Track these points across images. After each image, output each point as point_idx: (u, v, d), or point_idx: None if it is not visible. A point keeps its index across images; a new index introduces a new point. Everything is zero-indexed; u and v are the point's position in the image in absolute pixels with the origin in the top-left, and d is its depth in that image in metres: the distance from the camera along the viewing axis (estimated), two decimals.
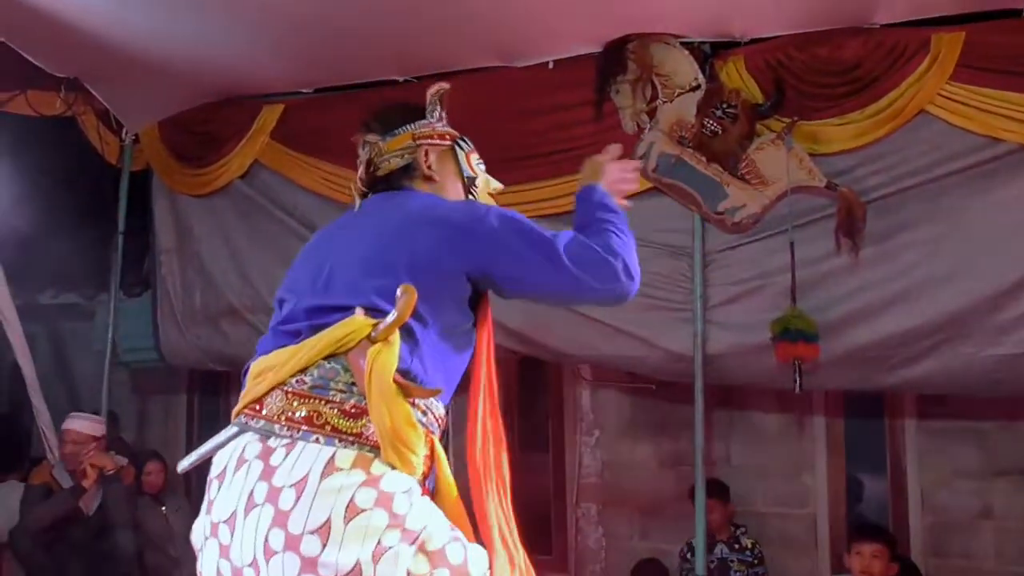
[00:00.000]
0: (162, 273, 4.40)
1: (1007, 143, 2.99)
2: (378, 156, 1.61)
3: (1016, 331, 3.05)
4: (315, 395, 1.35)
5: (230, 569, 1.34)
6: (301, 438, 1.32)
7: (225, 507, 1.34)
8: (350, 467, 1.30)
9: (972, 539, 4.00)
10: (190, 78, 3.97)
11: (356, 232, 1.52)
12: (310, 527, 1.26)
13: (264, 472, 1.32)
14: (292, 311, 1.46)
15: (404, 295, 1.34)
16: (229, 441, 1.40)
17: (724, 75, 3.28)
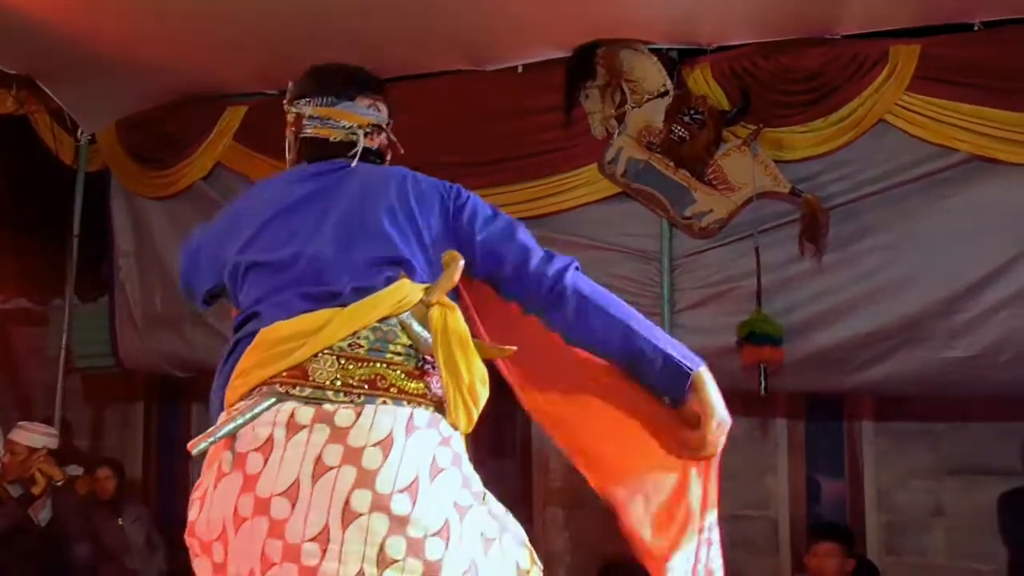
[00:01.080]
0: (120, 277, 4.30)
1: (960, 152, 3.10)
2: (383, 131, 1.66)
3: (968, 334, 3.16)
4: (373, 358, 1.32)
5: (281, 549, 1.22)
6: (366, 402, 1.28)
7: (281, 478, 1.23)
8: (426, 426, 1.30)
9: (925, 537, 4.12)
10: (149, 77, 3.89)
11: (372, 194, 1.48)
12: (400, 486, 1.22)
13: (334, 434, 1.25)
14: (319, 274, 1.39)
15: (453, 261, 1.37)
16: (262, 414, 1.29)
17: (691, 82, 3.34)
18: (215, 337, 4.09)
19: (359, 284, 1.36)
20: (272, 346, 1.32)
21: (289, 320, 1.34)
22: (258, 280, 1.43)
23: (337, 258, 1.40)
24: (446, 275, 1.36)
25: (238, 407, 1.32)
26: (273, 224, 1.47)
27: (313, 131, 1.61)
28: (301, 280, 1.39)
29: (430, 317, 1.33)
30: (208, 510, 1.30)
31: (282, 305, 1.37)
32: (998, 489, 3.77)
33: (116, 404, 5.41)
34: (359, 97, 1.63)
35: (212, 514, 1.29)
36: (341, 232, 1.42)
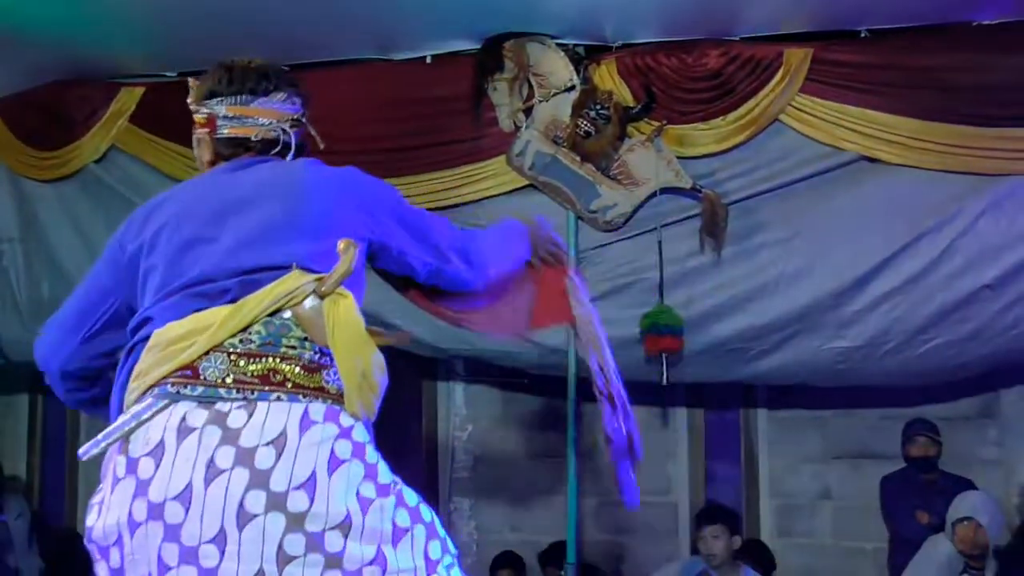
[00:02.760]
0: (3, 263, 4.06)
1: (848, 152, 3.26)
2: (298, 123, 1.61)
3: (855, 325, 3.34)
4: (266, 352, 1.30)
5: (178, 552, 1.22)
6: (258, 399, 1.27)
7: (173, 483, 1.23)
8: (322, 419, 1.28)
9: (813, 519, 4.33)
10: (36, 55, 3.68)
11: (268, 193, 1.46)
12: (295, 483, 1.22)
13: (225, 436, 1.24)
14: (207, 272, 1.36)
15: (347, 249, 1.35)
16: (155, 415, 1.28)
17: (597, 77, 3.39)
18: None
19: (247, 280, 1.34)
20: (165, 347, 1.31)
21: (180, 320, 1.32)
22: (151, 283, 1.42)
23: (229, 256, 1.38)
24: (340, 264, 1.34)
25: (131, 412, 1.31)
26: (179, 226, 1.45)
27: (230, 131, 1.55)
28: (192, 280, 1.37)
29: (324, 308, 1.32)
30: (104, 515, 1.29)
31: (174, 307, 1.35)
32: (880, 472, 4.00)
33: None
34: (274, 92, 1.58)
35: (108, 520, 1.28)
36: (240, 230, 1.41)
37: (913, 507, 3.75)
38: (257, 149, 1.55)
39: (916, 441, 3.83)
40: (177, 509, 1.22)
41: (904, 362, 3.37)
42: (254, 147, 1.55)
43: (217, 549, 1.21)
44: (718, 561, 3.47)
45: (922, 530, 3.66)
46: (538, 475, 4.53)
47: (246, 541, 1.20)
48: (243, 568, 1.21)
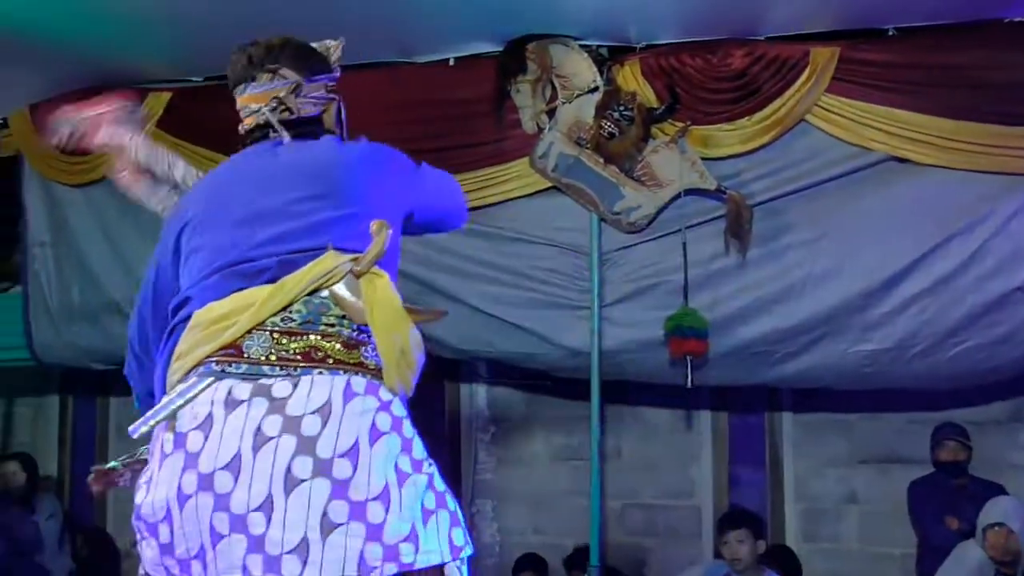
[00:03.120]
0: (35, 267, 4.12)
1: (876, 153, 3.23)
2: (298, 96, 1.57)
3: (882, 328, 3.30)
4: (307, 331, 1.34)
5: (228, 520, 1.24)
6: (302, 374, 1.31)
7: (222, 453, 1.25)
8: (363, 391, 1.32)
9: (839, 524, 4.27)
10: (66, 61, 3.74)
11: (298, 174, 1.47)
12: (340, 450, 1.25)
13: (272, 406, 1.27)
14: (246, 253, 1.39)
15: (380, 231, 1.37)
16: (201, 392, 1.31)
17: (620, 79, 3.38)
18: None
19: (286, 259, 1.37)
20: (207, 327, 1.34)
21: (221, 300, 1.35)
22: (193, 265, 1.45)
23: (266, 236, 1.40)
24: (374, 245, 1.36)
25: (177, 391, 1.34)
26: (209, 210, 1.48)
27: (244, 121, 1.60)
28: (232, 260, 1.39)
29: (360, 287, 1.35)
30: (153, 491, 1.31)
31: (214, 287, 1.38)
32: (908, 477, 3.94)
33: (29, 398, 5.20)
34: (260, 75, 1.58)
35: (157, 495, 1.30)
36: (276, 212, 1.42)
37: (942, 512, 3.69)
38: (261, 135, 1.55)
39: (945, 445, 3.77)
40: (226, 479, 1.25)
41: (933, 365, 3.32)
42: (258, 133, 1.55)
43: (264, 515, 1.23)
44: (742, 566, 3.44)
45: (951, 536, 3.60)
46: (561, 477, 4.52)
47: (292, 508, 1.23)
48: (288, 536, 1.23)
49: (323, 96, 1.60)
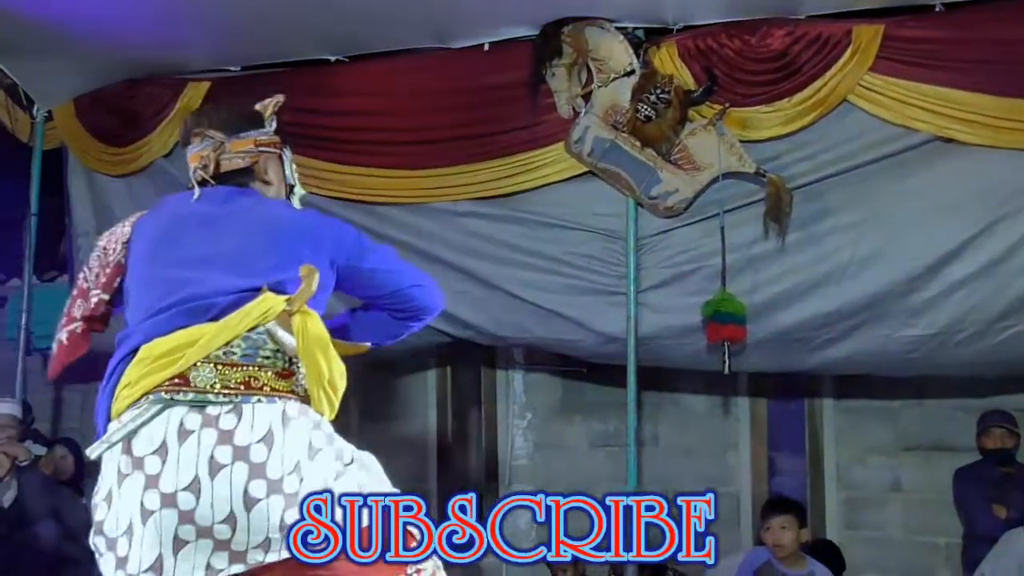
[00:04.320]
0: (80, 257, 4.21)
1: (921, 133, 3.14)
2: (222, 154, 1.77)
3: (928, 312, 3.22)
4: (246, 363, 1.56)
5: (194, 531, 1.48)
6: (242, 401, 1.52)
7: (182, 476, 1.47)
8: (298, 414, 1.56)
9: (882, 512, 4.21)
10: (108, 54, 3.80)
11: (239, 223, 1.69)
12: (287, 471, 1.50)
13: (221, 436, 1.49)
14: (195, 292, 1.58)
15: (309, 274, 1.58)
16: (153, 418, 1.50)
17: (657, 61, 3.33)
18: None
19: (231, 299, 1.57)
20: (155, 360, 1.53)
21: (167, 336, 1.54)
22: (137, 300, 1.66)
23: (211, 277, 1.60)
24: (304, 287, 1.57)
25: (129, 414, 1.52)
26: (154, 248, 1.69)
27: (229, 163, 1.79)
28: (181, 299, 1.58)
29: (293, 324, 1.56)
30: (115, 508, 1.50)
31: (162, 323, 1.57)
32: (953, 464, 3.87)
33: (77, 385, 5.32)
34: (192, 139, 1.83)
35: (120, 511, 1.50)
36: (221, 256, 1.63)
37: (989, 501, 3.62)
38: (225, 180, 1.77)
39: (992, 433, 3.70)
40: (188, 497, 1.47)
41: (980, 351, 3.24)
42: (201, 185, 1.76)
43: (229, 527, 1.48)
44: (785, 552, 3.40)
45: (998, 525, 3.53)
46: (597, 464, 4.51)
47: (254, 519, 1.48)
48: (253, 539, 1.49)
49: (251, 150, 1.79)
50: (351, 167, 3.68)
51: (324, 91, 3.74)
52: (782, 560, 3.41)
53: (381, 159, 3.63)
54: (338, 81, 3.72)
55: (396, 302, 1.82)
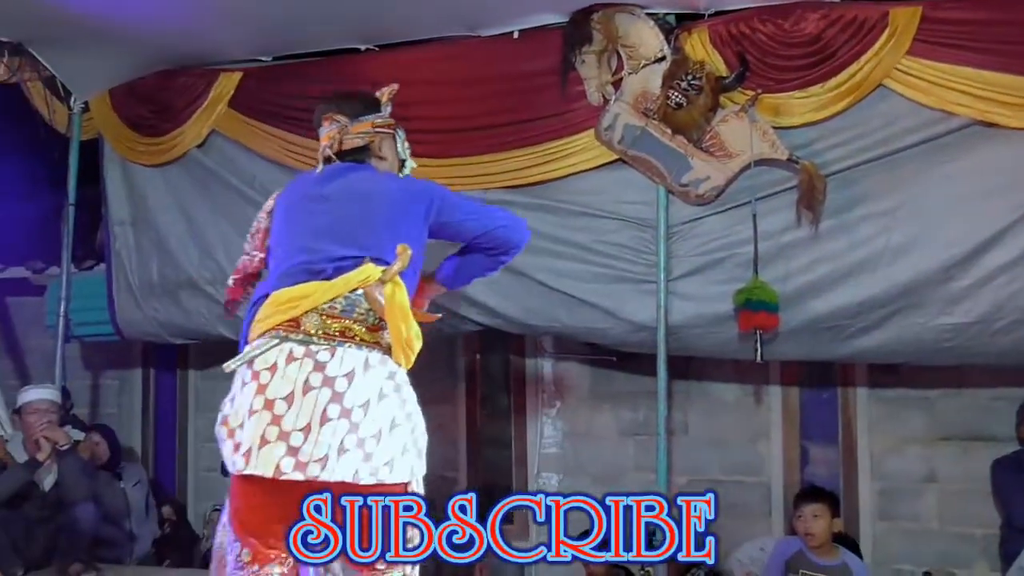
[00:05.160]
0: (116, 246, 4.29)
1: (960, 117, 3.07)
2: (345, 135, 2.17)
3: (966, 300, 3.16)
4: (344, 316, 1.96)
5: (278, 432, 1.87)
6: (338, 345, 1.93)
7: (282, 388, 1.89)
8: (378, 364, 1.96)
9: (918, 503, 4.15)
10: (143, 45, 3.86)
11: (347, 198, 2.08)
12: (358, 403, 1.90)
13: (316, 366, 1.90)
14: (316, 257, 2.00)
15: (403, 252, 1.97)
16: (271, 348, 1.93)
17: (688, 47, 3.30)
18: (212, 305, 4.10)
19: (340, 265, 1.98)
20: (279, 305, 1.96)
21: (289, 288, 1.97)
22: (273, 258, 2.14)
23: (323, 246, 2.01)
24: (397, 262, 1.97)
25: (255, 343, 1.97)
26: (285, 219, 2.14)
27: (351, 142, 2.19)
28: (302, 262, 2.01)
29: (384, 291, 1.95)
30: (236, 405, 1.94)
31: (287, 276, 2.01)
32: (991, 455, 3.80)
33: (114, 372, 5.44)
34: (323, 122, 2.21)
35: (238, 407, 1.93)
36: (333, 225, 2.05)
37: None
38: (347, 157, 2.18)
39: None
40: (282, 405, 1.88)
41: (1020, 340, 3.16)
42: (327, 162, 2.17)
43: (303, 435, 1.86)
44: (817, 541, 3.38)
45: None
46: (627, 452, 4.51)
47: (323, 433, 1.86)
48: (317, 451, 1.86)
49: (368, 131, 2.20)
50: None
51: (354, 80, 3.74)
52: (814, 550, 3.38)
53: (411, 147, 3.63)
54: (368, 70, 3.73)
55: (486, 241, 2.17)
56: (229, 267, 4.04)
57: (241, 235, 4.03)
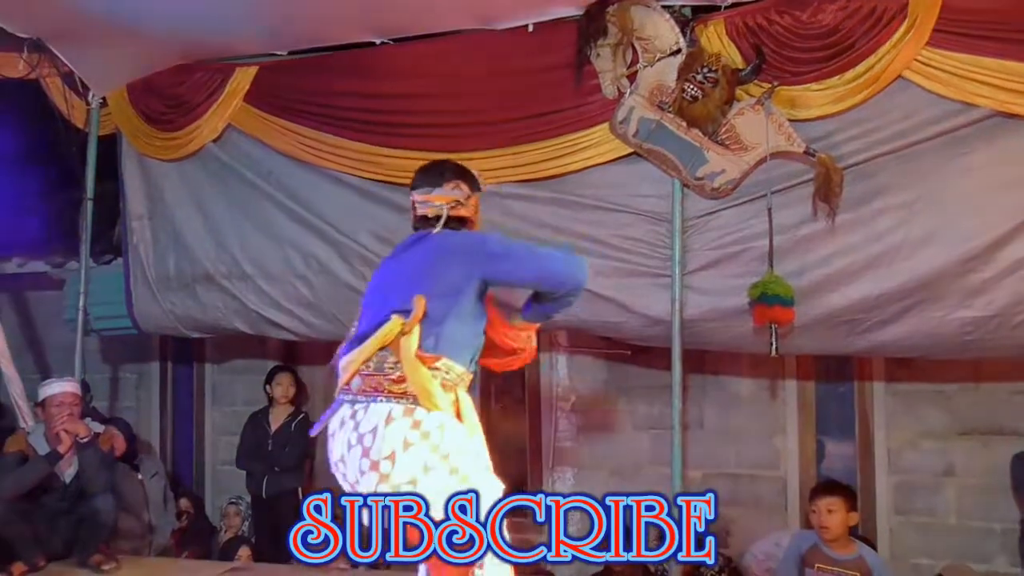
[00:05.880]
0: (134, 240, 4.32)
1: (980, 108, 3.04)
2: (421, 204, 2.36)
3: (984, 294, 3.14)
4: (376, 373, 2.16)
5: (347, 483, 2.18)
6: (370, 402, 2.14)
7: (336, 452, 2.18)
8: (401, 416, 2.10)
9: (935, 497, 4.13)
10: (160, 40, 3.88)
11: (404, 262, 2.29)
12: (383, 455, 2.07)
13: (354, 426, 2.14)
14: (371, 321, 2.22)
15: (417, 302, 2.14)
16: (334, 414, 2.20)
17: (704, 39, 3.28)
18: (227, 299, 4.12)
19: (380, 325, 2.17)
20: (343, 368, 2.22)
21: (349, 354, 2.23)
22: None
23: (381, 304, 2.22)
24: (413, 313, 2.14)
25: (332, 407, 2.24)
26: (374, 279, 2.36)
27: (421, 211, 2.35)
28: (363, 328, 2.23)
29: (401, 342, 2.13)
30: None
31: (356, 341, 2.23)
32: (1011, 449, 3.77)
33: (132, 365, 5.48)
34: (444, 183, 2.35)
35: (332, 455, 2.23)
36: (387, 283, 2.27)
37: None
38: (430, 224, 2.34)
39: None
40: (341, 466, 2.17)
41: None
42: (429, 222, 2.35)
43: (356, 483, 2.11)
44: (832, 535, 3.36)
45: None
46: (642, 446, 4.50)
47: (362, 483, 2.10)
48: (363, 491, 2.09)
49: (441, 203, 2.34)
50: (396, 150, 3.71)
51: (369, 74, 3.77)
52: (829, 543, 3.36)
53: (426, 142, 3.65)
54: (383, 64, 3.74)
55: (540, 287, 2.31)
56: (244, 261, 4.09)
57: (257, 229, 4.13)
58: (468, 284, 2.19)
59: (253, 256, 4.02)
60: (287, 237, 3.97)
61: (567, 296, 2.31)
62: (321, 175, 3.90)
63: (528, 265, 2.26)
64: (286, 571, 3.70)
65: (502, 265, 2.23)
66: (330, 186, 3.88)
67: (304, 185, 3.93)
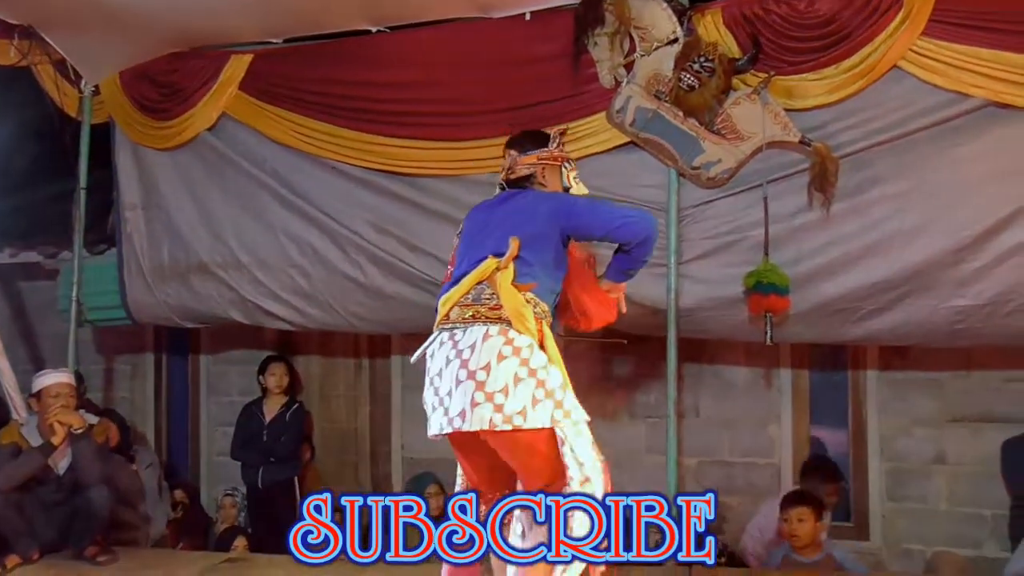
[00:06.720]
0: (127, 229, 4.29)
1: (974, 99, 3.06)
2: (514, 165, 2.63)
3: (977, 283, 3.17)
4: (474, 303, 2.41)
5: (437, 400, 2.38)
6: (469, 326, 2.38)
7: (434, 367, 2.40)
8: (496, 334, 2.34)
9: (927, 483, 4.18)
10: (153, 27, 3.84)
11: (499, 215, 2.55)
12: (480, 365, 2.30)
13: (453, 345, 2.38)
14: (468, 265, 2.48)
15: (513, 242, 2.42)
16: (432, 341, 2.45)
17: (701, 29, 3.28)
18: (222, 289, 4.11)
19: (476, 265, 2.45)
20: (441, 306, 2.47)
21: (446, 292, 2.48)
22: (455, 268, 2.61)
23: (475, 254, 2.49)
24: (508, 253, 2.41)
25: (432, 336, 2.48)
26: (463, 234, 2.63)
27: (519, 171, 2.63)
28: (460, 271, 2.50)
29: (498, 276, 2.39)
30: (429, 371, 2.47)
31: (451, 283, 2.49)
32: (1001, 436, 3.81)
33: (126, 356, 5.46)
34: (541, 148, 2.65)
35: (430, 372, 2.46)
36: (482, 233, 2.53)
37: None
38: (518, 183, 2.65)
39: None
40: (436, 379, 2.39)
41: None
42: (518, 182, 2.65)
43: (448, 397, 2.32)
44: (801, 543, 3.45)
45: None
46: (639, 435, 4.53)
47: (458, 393, 2.30)
48: (454, 408, 2.30)
49: (533, 163, 2.62)
50: (393, 139, 3.71)
51: (365, 63, 3.76)
52: (799, 551, 3.42)
53: (422, 131, 3.64)
54: (379, 52, 3.73)
55: (613, 240, 2.54)
56: (240, 250, 4.08)
57: (252, 218, 4.11)
58: (554, 234, 2.47)
59: (248, 245, 4.01)
60: (282, 226, 3.95)
61: (639, 249, 2.53)
62: (317, 164, 3.88)
63: (603, 218, 2.52)
64: (282, 561, 3.71)
65: (581, 219, 2.50)
66: (326, 175, 3.87)
67: (300, 174, 3.92)
